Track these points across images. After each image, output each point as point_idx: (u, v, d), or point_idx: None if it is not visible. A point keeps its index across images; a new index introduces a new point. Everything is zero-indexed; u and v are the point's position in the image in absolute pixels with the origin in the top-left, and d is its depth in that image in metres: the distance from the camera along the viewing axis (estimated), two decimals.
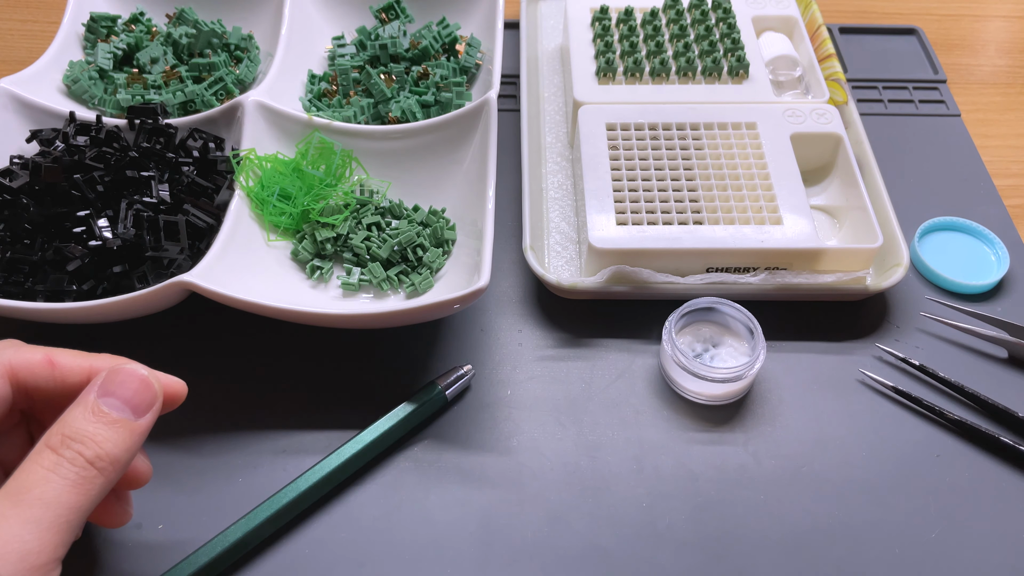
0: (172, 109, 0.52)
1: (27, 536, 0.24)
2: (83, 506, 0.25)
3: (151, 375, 0.29)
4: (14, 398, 0.28)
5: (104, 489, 0.26)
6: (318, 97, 0.54)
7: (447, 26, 0.57)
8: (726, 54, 0.54)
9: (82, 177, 0.42)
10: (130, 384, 0.28)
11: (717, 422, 0.41)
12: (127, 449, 0.27)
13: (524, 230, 0.46)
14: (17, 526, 0.24)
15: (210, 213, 0.44)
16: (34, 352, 0.28)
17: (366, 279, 0.45)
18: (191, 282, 0.38)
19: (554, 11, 0.64)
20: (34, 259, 0.41)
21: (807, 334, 0.44)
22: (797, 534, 0.36)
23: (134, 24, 0.58)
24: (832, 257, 0.44)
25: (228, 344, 0.44)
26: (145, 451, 0.32)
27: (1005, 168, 0.55)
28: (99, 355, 0.30)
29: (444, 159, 0.49)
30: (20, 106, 0.49)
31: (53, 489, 0.25)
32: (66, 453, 0.25)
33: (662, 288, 0.44)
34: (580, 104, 0.51)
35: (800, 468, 0.39)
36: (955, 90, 0.60)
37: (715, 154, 0.48)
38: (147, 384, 0.28)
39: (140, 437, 0.28)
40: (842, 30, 0.64)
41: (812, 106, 0.50)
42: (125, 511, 0.33)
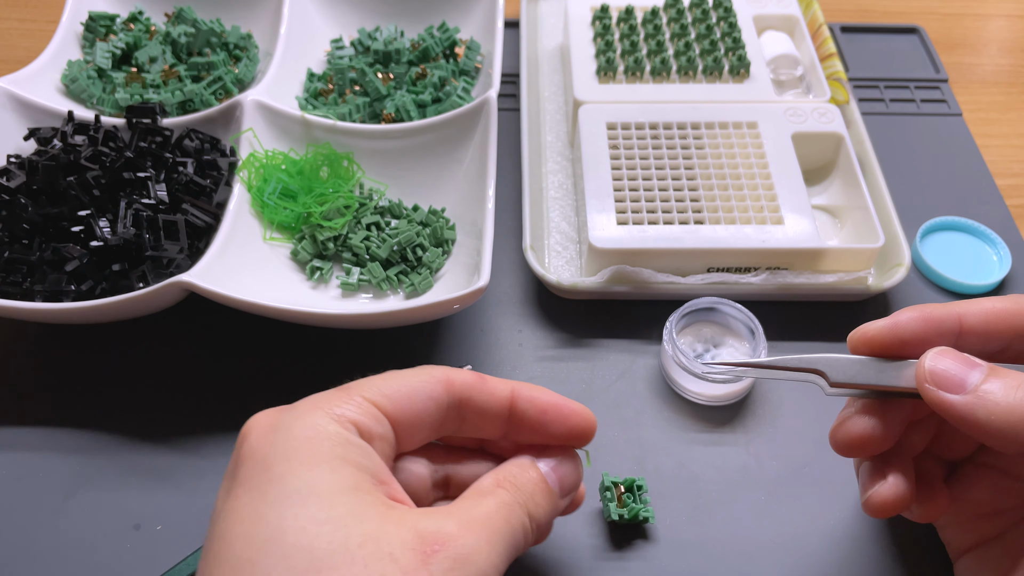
0: (171, 108, 0.52)
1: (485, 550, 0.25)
2: (508, 553, 0.26)
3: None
4: (448, 406, 0.28)
5: (521, 548, 0.27)
6: (314, 96, 0.53)
7: (447, 30, 0.57)
8: (727, 53, 0.54)
9: (77, 178, 0.42)
10: (571, 469, 0.30)
11: (718, 423, 0.40)
12: (548, 522, 0.29)
13: (524, 230, 0.46)
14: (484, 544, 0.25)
15: (208, 212, 0.44)
16: (464, 371, 0.29)
17: (365, 279, 0.44)
18: (190, 282, 0.38)
19: (554, 10, 0.63)
20: (32, 259, 0.41)
21: (808, 334, 0.44)
22: (798, 535, 0.36)
23: (133, 23, 0.58)
24: (833, 257, 0.44)
25: (227, 344, 0.43)
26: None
27: (1007, 168, 0.54)
28: (514, 381, 0.30)
29: (444, 158, 0.48)
30: (18, 105, 0.49)
31: (501, 527, 0.26)
32: (508, 497, 0.27)
33: (663, 288, 0.44)
34: (580, 103, 0.51)
35: (801, 469, 0.39)
36: (957, 89, 0.60)
37: (716, 153, 0.48)
38: (580, 472, 0.30)
39: (554, 516, 0.29)
40: (843, 29, 0.64)
41: (813, 105, 0.50)
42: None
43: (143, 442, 0.39)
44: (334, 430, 0.25)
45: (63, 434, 0.40)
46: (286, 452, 0.24)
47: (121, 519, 0.37)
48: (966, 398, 0.27)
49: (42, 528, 0.36)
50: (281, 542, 0.22)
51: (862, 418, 0.29)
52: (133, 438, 0.40)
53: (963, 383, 0.27)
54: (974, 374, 0.27)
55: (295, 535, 0.22)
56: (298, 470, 0.24)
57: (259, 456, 0.24)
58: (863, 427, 0.29)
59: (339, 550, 0.22)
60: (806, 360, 0.30)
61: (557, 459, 0.29)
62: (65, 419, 0.40)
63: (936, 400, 0.27)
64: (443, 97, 0.52)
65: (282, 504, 0.23)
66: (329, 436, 0.25)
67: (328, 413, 0.25)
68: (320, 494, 0.23)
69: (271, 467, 0.24)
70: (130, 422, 0.40)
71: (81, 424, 0.40)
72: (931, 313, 0.29)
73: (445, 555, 0.23)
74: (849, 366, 0.30)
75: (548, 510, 0.28)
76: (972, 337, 0.29)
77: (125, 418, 0.40)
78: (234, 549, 0.23)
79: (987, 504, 0.31)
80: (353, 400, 0.26)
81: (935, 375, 0.28)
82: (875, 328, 0.29)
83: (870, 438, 0.29)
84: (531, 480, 0.28)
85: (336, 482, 0.24)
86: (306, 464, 0.24)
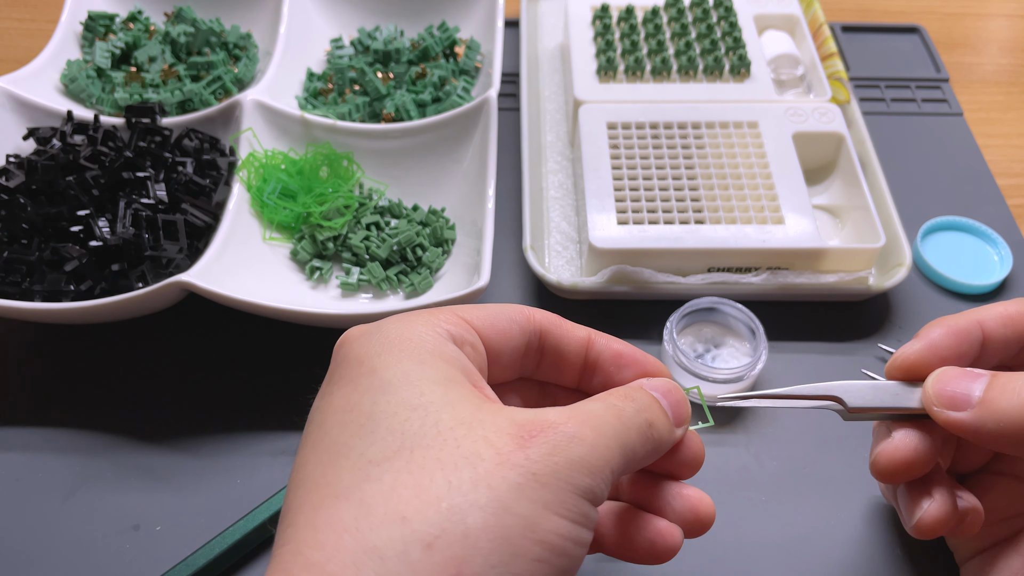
0: (170, 108, 0.52)
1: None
2: (623, 452, 0.24)
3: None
4: (530, 333, 0.28)
5: (639, 455, 0.25)
6: (314, 95, 0.53)
7: (447, 29, 0.57)
8: (728, 53, 0.53)
9: (76, 178, 0.42)
10: (681, 401, 0.28)
11: (718, 423, 0.40)
12: (667, 442, 0.27)
13: (524, 230, 0.46)
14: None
15: (208, 212, 0.44)
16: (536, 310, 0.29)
17: (365, 279, 0.44)
18: (190, 282, 0.38)
19: (554, 9, 0.63)
20: (32, 259, 0.41)
21: (809, 334, 0.44)
22: (798, 535, 0.36)
23: (132, 23, 0.57)
24: (834, 257, 0.43)
25: (227, 344, 0.43)
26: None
27: (1008, 167, 0.54)
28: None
29: (444, 158, 0.48)
30: (18, 105, 0.48)
31: (612, 422, 0.24)
32: (628, 404, 0.25)
33: (663, 288, 0.44)
34: (581, 103, 0.51)
35: (801, 469, 0.39)
36: (958, 89, 0.60)
37: (716, 153, 0.48)
38: (689, 408, 0.28)
39: (671, 442, 0.27)
40: (844, 28, 0.64)
41: (814, 105, 0.50)
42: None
43: (143, 442, 0.39)
44: (427, 333, 0.25)
45: (63, 434, 0.40)
46: (379, 349, 0.24)
47: (121, 519, 0.37)
48: (973, 412, 0.27)
49: (42, 528, 0.36)
50: (374, 426, 0.22)
51: (903, 442, 0.29)
52: (133, 438, 0.40)
53: (968, 398, 0.27)
54: (976, 387, 0.27)
55: (387, 419, 0.22)
56: (390, 362, 0.24)
57: (352, 356, 0.25)
58: (905, 451, 0.29)
59: (430, 431, 0.22)
60: (823, 388, 0.30)
61: (666, 387, 0.27)
62: (65, 419, 0.40)
63: (946, 420, 0.28)
64: (443, 97, 0.52)
65: (375, 392, 0.23)
66: (422, 337, 0.25)
67: (422, 320, 0.26)
68: (412, 382, 0.23)
69: (363, 362, 0.24)
70: (130, 422, 0.40)
71: (81, 424, 0.40)
72: (956, 325, 0.29)
73: (544, 439, 0.22)
74: (865, 391, 0.30)
75: (665, 428, 0.26)
76: (993, 343, 0.30)
77: (125, 418, 0.40)
78: (330, 435, 0.23)
79: (1001, 511, 0.31)
80: (443, 312, 0.26)
81: (940, 396, 0.28)
82: (913, 352, 0.29)
83: (914, 461, 0.29)
84: (644, 395, 0.26)
85: (427, 373, 0.24)
86: (398, 358, 0.24)
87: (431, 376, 0.24)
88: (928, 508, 0.29)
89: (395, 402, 0.23)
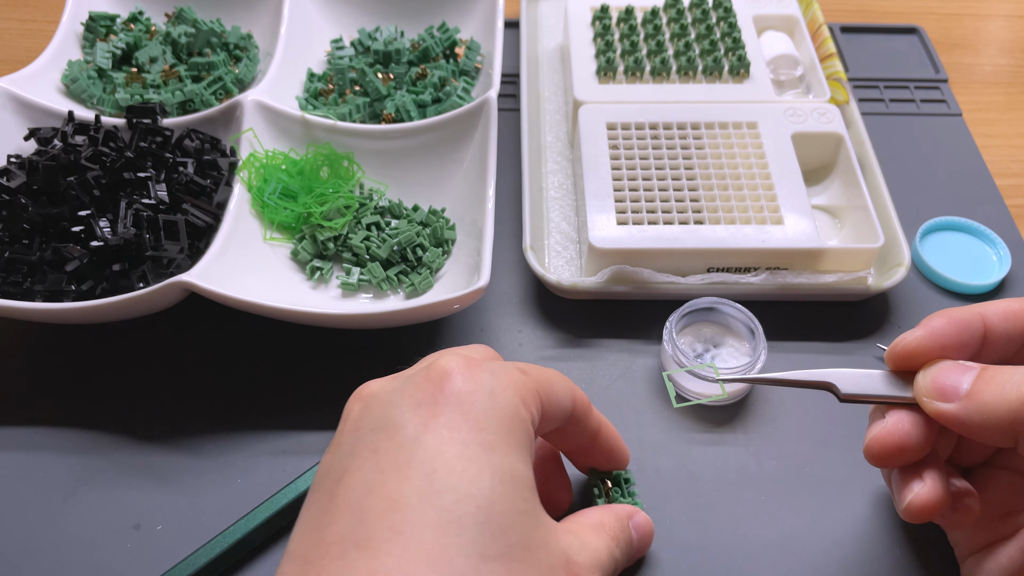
0: (171, 108, 0.52)
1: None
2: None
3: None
4: (567, 418, 0.31)
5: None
6: (314, 96, 0.53)
7: (447, 30, 0.57)
8: (727, 53, 0.54)
9: (77, 178, 0.42)
10: (648, 532, 0.34)
11: (718, 423, 0.40)
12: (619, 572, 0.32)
13: (524, 230, 0.46)
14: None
15: (209, 212, 0.44)
16: (582, 392, 0.32)
17: (365, 279, 0.45)
18: (190, 282, 0.38)
19: (554, 10, 0.63)
20: (32, 259, 0.41)
21: (808, 334, 0.44)
22: (798, 535, 0.36)
23: (133, 23, 0.58)
24: (833, 257, 0.44)
25: (227, 344, 0.43)
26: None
27: (1007, 168, 0.54)
28: (600, 414, 0.34)
29: (444, 158, 0.48)
30: (19, 106, 0.49)
31: (607, 563, 0.29)
32: (615, 550, 0.30)
33: (663, 288, 0.44)
34: (580, 103, 0.51)
35: (801, 468, 0.39)
36: (956, 89, 0.60)
37: (716, 153, 0.48)
38: (651, 537, 0.34)
39: (624, 568, 0.33)
40: (843, 29, 0.64)
41: (813, 105, 0.50)
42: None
43: (143, 442, 0.39)
44: (525, 416, 0.27)
45: (63, 434, 0.40)
46: (497, 424, 0.26)
47: (121, 519, 0.37)
48: (960, 404, 0.27)
49: (42, 528, 0.36)
50: (490, 515, 0.24)
51: (896, 427, 0.29)
52: (133, 438, 0.40)
53: (956, 390, 0.28)
54: (966, 379, 0.28)
55: (501, 516, 0.24)
56: (507, 450, 0.26)
57: (471, 412, 0.26)
58: (898, 436, 0.29)
59: (525, 545, 0.25)
60: (816, 374, 0.31)
61: (642, 520, 0.33)
62: (65, 419, 0.40)
63: (935, 411, 0.28)
64: (443, 97, 0.52)
65: (494, 477, 0.25)
66: (523, 422, 0.27)
67: (520, 396, 0.27)
68: (519, 483, 0.25)
69: (485, 431, 0.26)
70: (130, 422, 0.40)
71: (81, 424, 0.40)
72: (959, 316, 0.30)
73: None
74: (859, 379, 0.31)
75: (621, 568, 0.32)
76: (995, 337, 0.30)
77: (125, 418, 0.40)
78: (444, 498, 0.24)
79: (1002, 505, 0.31)
80: (531, 390, 0.28)
81: (931, 387, 0.28)
82: (913, 339, 0.30)
83: (906, 447, 0.29)
84: (627, 540, 0.32)
85: (528, 476, 0.26)
86: (513, 447, 0.26)
87: (530, 480, 0.26)
88: (919, 491, 0.29)
89: (509, 500, 0.25)
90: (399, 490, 0.24)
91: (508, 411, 0.26)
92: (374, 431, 0.26)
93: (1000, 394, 0.27)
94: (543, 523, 0.26)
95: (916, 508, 0.29)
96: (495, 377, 0.27)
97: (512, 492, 0.25)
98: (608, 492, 0.35)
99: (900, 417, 0.29)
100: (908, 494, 0.29)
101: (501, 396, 0.27)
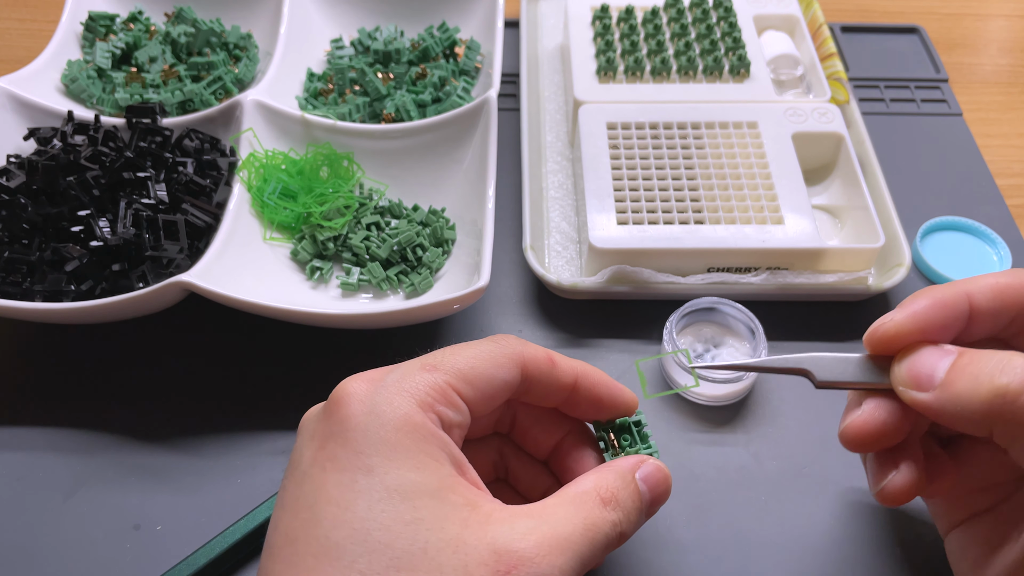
0: (171, 108, 0.52)
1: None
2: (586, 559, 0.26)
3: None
4: (518, 388, 0.30)
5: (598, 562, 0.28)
6: (314, 96, 0.53)
7: (447, 30, 0.57)
8: (727, 53, 0.54)
9: (76, 178, 0.42)
10: (662, 480, 0.30)
11: (718, 423, 0.40)
12: (632, 532, 0.29)
13: (524, 230, 0.46)
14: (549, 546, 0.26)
15: (208, 212, 0.44)
16: (538, 350, 0.30)
17: (365, 279, 0.44)
18: (190, 282, 0.38)
19: (554, 10, 0.63)
20: (32, 259, 0.41)
21: (808, 334, 0.44)
22: (798, 535, 0.36)
23: (132, 23, 0.58)
24: (834, 257, 0.44)
25: (227, 344, 0.43)
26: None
27: (1007, 167, 0.54)
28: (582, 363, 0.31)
29: (444, 158, 0.48)
30: (18, 105, 0.49)
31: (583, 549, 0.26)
32: (609, 515, 0.27)
33: (663, 288, 0.44)
34: (580, 103, 0.51)
35: (802, 469, 0.39)
36: (957, 89, 0.60)
37: (716, 153, 0.48)
38: (668, 483, 0.30)
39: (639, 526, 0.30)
40: (844, 29, 0.64)
41: (813, 105, 0.50)
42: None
43: (143, 442, 0.39)
44: (421, 421, 0.26)
45: (63, 434, 0.40)
46: (377, 443, 0.26)
47: (121, 519, 0.37)
48: (934, 394, 0.27)
49: (42, 528, 0.36)
50: (367, 535, 0.24)
51: (872, 415, 0.29)
52: (133, 438, 0.40)
53: (931, 379, 0.27)
54: (941, 366, 0.27)
55: (380, 532, 0.24)
56: (388, 466, 0.25)
57: (352, 438, 0.26)
58: (874, 424, 0.29)
59: (418, 552, 0.24)
60: (793, 360, 0.30)
61: (652, 470, 0.30)
62: (65, 419, 0.40)
63: (911, 400, 0.28)
64: (443, 97, 0.52)
65: (371, 497, 0.25)
66: (416, 428, 0.26)
67: (417, 400, 0.27)
68: (406, 495, 0.25)
69: (362, 454, 0.25)
70: (130, 422, 0.40)
71: (81, 424, 0.40)
72: (942, 297, 0.29)
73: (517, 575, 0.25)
74: (834, 365, 0.30)
75: (636, 526, 0.29)
76: (982, 315, 0.29)
77: (125, 418, 0.40)
78: (322, 527, 0.25)
79: (981, 478, 0.31)
80: (439, 387, 0.27)
81: (906, 375, 0.28)
82: (893, 324, 0.29)
83: (882, 434, 0.29)
84: (632, 497, 0.28)
85: (421, 483, 0.25)
86: (396, 461, 0.25)
87: (424, 487, 0.25)
88: (892, 479, 0.29)
89: (390, 514, 0.24)
90: (290, 525, 0.25)
91: (393, 423, 0.26)
92: (288, 464, 0.28)
93: (973, 385, 0.26)
94: (456, 522, 0.25)
95: (888, 495, 0.29)
96: (382, 392, 0.27)
97: (394, 507, 0.25)
98: (615, 443, 0.32)
99: (876, 404, 0.29)
100: (882, 480, 0.29)
101: (385, 410, 0.26)
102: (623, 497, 0.28)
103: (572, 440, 0.32)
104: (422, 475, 0.25)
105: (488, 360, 0.29)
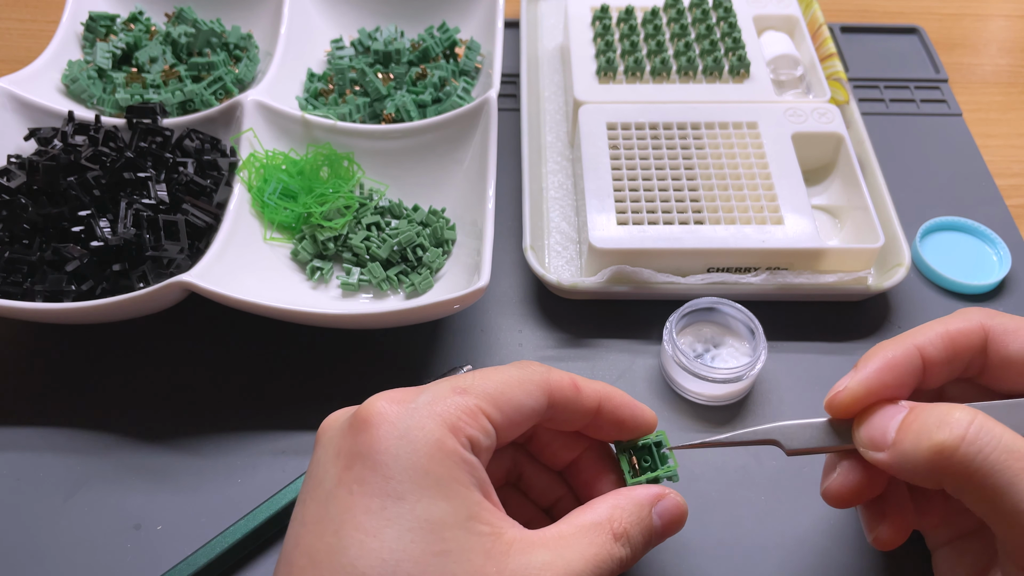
0: (171, 108, 0.52)
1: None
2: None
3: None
4: (543, 415, 0.30)
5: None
6: (314, 96, 0.53)
7: (447, 30, 0.57)
8: (727, 53, 0.54)
9: (77, 178, 0.42)
10: (678, 516, 0.30)
11: (718, 422, 0.40)
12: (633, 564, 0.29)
13: (524, 230, 0.46)
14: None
15: (209, 212, 0.44)
16: (563, 376, 0.30)
17: (366, 279, 0.45)
18: (190, 282, 0.38)
19: (554, 10, 0.63)
20: (33, 259, 0.41)
21: (808, 334, 0.44)
22: (798, 535, 0.36)
23: (133, 23, 0.58)
24: (833, 257, 0.44)
25: (227, 344, 0.43)
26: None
27: (1007, 168, 0.54)
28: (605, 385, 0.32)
29: (444, 159, 0.48)
30: (19, 106, 0.49)
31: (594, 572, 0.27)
32: (618, 551, 0.28)
33: (663, 288, 0.44)
34: (580, 103, 0.51)
35: (802, 469, 0.39)
36: (956, 89, 0.60)
37: (716, 153, 0.48)
38: (683, 518, 0.30)
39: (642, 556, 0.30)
40: (843, 29, 0.64)
41: (813, 105, 0.50)
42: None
43: (143, 442, 0.39)
44: (452, 448, 0.26)
45: (63, 434, 0.40)
46: (409, 469, 0.26)
47: (121, 519, 0.37)
48: (888, 453, 0.28)
49: (42, 528, 0.36)
50: (396, 567, 0.24)
51: (846, 476, 0.30)
52: (133, 438, 0.40)
53: (884, 439, 0.28)
54: (891, 426, 0.28)
55: (409, 564, 0.24)
56: (419, 494, 0.25)
57: (382, 462, 0.26)
58: (851, 485, 0.30)
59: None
60: (761, 432, 0.31)
61: (670, 505, 0.30)
62: (65, 419, 0.40)
63: (872, 460, 0.29)
64: (443, 97, 0.52)
65: (401, 527, 0.25)
66: (448, 455, 0.26)
67: (448, 425, 0.27)
68: (435, 526, 0.25)
69: (392, 479, 0.25)
70: (130, 422, 0.40)
71: (81, 424, 0.40)
72: (892, 357, 0.30)
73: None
74: (802, 432, 0.31)
75: (639, 558, 0.29)
76: (936, 366, 0.30)
77: (125, 418, 0.40)
78: (348, 555, 0.24)
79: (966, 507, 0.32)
80: (469, 411, 0.27)
81: (863, 438, 0.29)
82: (846, 394, 0.30)
83: (860, 492, 0.30)
84: (644, 532, 0.29)
85: (451, 512, 0.25)
86: (427, 489, 0.25)
87: (455, 517, 0.25)
88: (882, 529, 0.30)
89: (420, 546, 0.25)
90: (314, 546, 0.25)
91: (425, 450, 0.26)
92: (309, 478, 0.27)
93: (916, 442, 0.27)
94: (480, 553, 0.25)
95: (883, 543, 0.30)
96: (414, 415, 0.27)
97: (423, 537, 0.25)
98: (635, 465, 0.32)
99: (850, 466, 0.30)
100: (874, 528, 0.31)
101: (417, 435, 0.26)
102: (634, 533, 0.29)
103: (591, 455, 0.33)
104: (452, 504, 0.25)
105: (517, 387, 0.29)
